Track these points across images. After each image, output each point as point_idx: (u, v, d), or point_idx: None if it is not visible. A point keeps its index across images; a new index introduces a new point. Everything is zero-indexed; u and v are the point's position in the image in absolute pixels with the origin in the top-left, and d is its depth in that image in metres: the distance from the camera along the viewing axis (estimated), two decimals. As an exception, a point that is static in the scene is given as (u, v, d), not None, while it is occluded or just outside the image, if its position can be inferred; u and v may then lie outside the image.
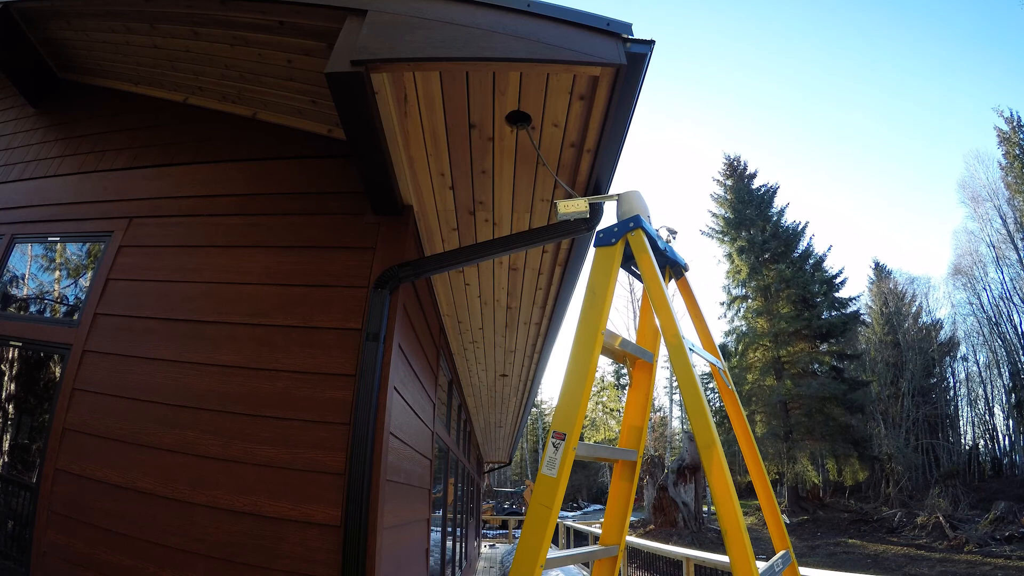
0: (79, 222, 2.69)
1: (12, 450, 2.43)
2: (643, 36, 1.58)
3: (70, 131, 3.06)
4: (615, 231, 1.47)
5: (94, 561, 1.98)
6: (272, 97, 2.58)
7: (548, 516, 1.16)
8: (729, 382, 1.73)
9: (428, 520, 3.41)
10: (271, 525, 1.88)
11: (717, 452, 1.14)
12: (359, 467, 1.87)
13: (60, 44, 3.02)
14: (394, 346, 2.10)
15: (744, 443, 1.64)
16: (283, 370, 2.09)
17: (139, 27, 2.51)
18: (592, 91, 1.83)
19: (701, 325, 1.74)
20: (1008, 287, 25.67)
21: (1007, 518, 15.72)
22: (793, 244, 26.24)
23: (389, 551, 2.10)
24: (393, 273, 2.13)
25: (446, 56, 1.61)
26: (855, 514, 20.81)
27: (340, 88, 1.68)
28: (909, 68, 68.75)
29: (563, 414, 1.25)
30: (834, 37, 75.13)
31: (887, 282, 31.19)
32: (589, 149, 2.11)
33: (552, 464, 1.20)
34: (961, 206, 39.37)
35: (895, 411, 25.28)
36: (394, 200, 2.24)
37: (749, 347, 25.45)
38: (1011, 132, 24.78)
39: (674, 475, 19.88)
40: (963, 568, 13.23)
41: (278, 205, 2.44)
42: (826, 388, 22.44)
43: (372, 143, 1.91)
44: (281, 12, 1.97)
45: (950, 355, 28.56)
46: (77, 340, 2.35)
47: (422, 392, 3.00)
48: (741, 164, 29.00)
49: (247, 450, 1.99)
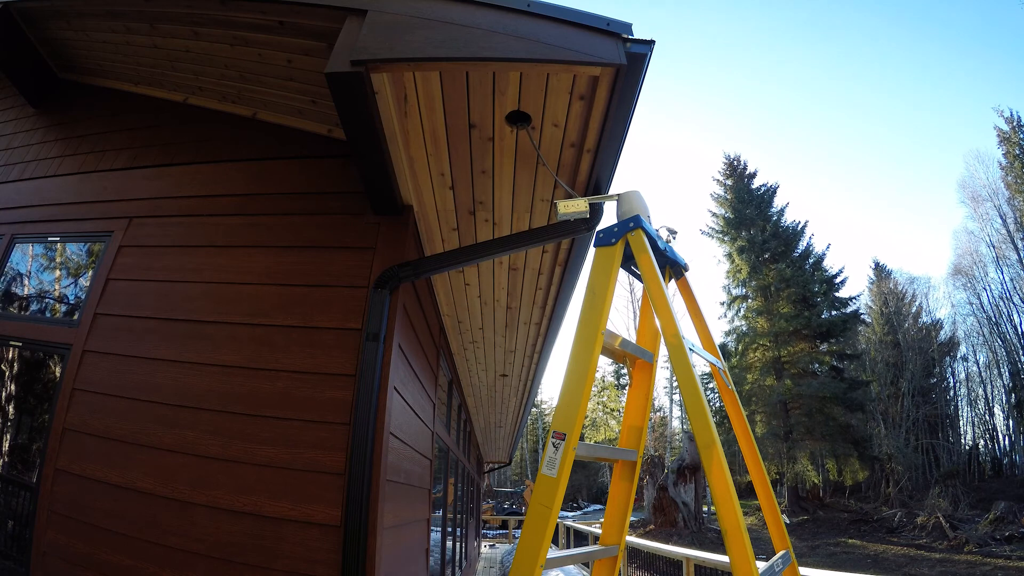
0: (79, 222, 2.69)
1: (12, 450, 2.43)
2: (643, 36, 1.58)
3: (70, 131, 3.06)
4: (615, 231, 1.47)
5: (94, 561, 1.98)
6: (272, 97, 2.58)
7: (548, 516, 1.16)
8: (729, 382, 1.73)
9: (428, 520, 3.41)
10: (271, 525, 1.88)
11: (717, 452, 1.14)
12: (359, 467, 1.87)
13: (60, 44, 3.02)
14: (394, 346, 2.10)
15: (744, 443, 1.64)
16: (283, 370, 2.09)
17: (139, 27, 2.51)
18: (592, 91, 1.83)
19: (701, 325, 1.74)
20: (1008, 287, 25.69)
21: (1007, 518, 15.72)
22: (793, 244, 26.24)
23: (389, 551, 2.10)
24: (393, 273, 2.13)
25: (446, 56, 1.61)
26: (855, 514, 20.81)
27: (340, 88, 1.68)
28: (909, 68, 68.82)
29: (563, 414, 1.25)
30: (834, 37, 75.20)
31: (887, 282, 31.20)
32: (589, 149, 2.11)
33: (552, 464, 1.20)
34: (961, 206, 39.43)
35: (895, 411, 25.28)
36: (394, 200, 2.24)
37: (749, 347, 25.45)
38: (1011, 132, 24.78)
39: (674, 475, 19.88)
40: (963, 568, 13.24)
41: (278, 205, 2.44)
42: (826, 388, 22.44)
43: (372, 143, 1.91)
44: (281, 12, 1.97)
45: (950, 355, 28.57)
46: (77, 340, 2.35)
47: (422, 392, 3.00)
48: (741, 164, 29.01)
49: (247, 450, 1.99)
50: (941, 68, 65.18)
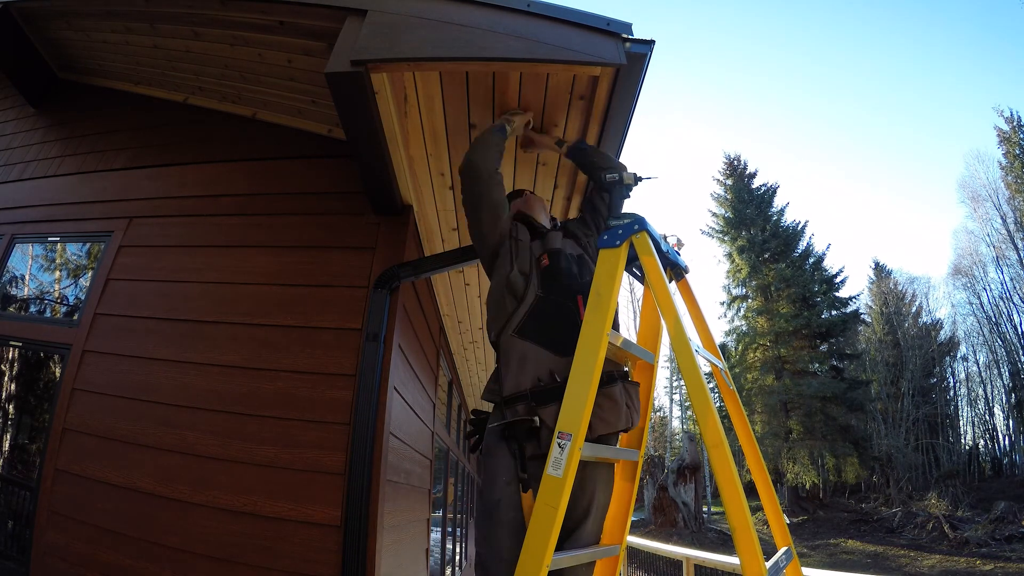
0: (79, 222, 2.69)
1: (12, 450, 2.43)
2: (643, 36, 1.58)
3: (70, 131, 3.06)
4: (620, 233, 1.47)
5: (94, 561, 1.97)
6: (272, 97, 2.58)
7: (554, 517, 1.16)
8: (730, 382, 1.73)
9: (428, 520, 3.41)
10: (271, 525, 1.88)
11: (725, 451, 1.13)
12: (359, 467, 1.87)
13: (60, 44, 3.02)
14: (394, 346, 2.09)
15: (745, 442, 1.65)
16: (283, 370, 2.08)
17: (139, 27, 2.51)
18: (592, 91, 1.83)
19: (702, 326, 1.75)
20: (1008, 287, 25.66)
21: (1007, 518, 15.71)
22: (793, 243, 26.21)
23: (389, 551, 2.10)
24: (393, 273, 2.13)
25: (446, 56, 1.61)
26: (855, 514, 20.80)
27: (340, 88, 1.68)
28: (909, 67, 68.80)
29: (569, 414, 1.24)
30: (834, 37, 75.17)
31: (887, 282, 31.18)
32: (589, 149, 2.11)
33: (558, 464, 1.20)
34: (961, 206, 39.43)
35: (895, 411, 25.27)
36: (394, 200, 2.24)
37: (749, 347, 25.43)
38: (1011, 132, 24.74)
39: (674, 475, 19.87)
40: (963, 568, 13.24)
41: (278, 205, 2.44)
42: (826, 388, 22.42)
43: (372, 143, 1.91)
44: (281, 12, 1.97)
45: (950, 355, 28.55)
46: (77, 340, 2.35)
47: (422, 392, 3.00)
48: (741, 164, 28.98)
49: (247, 450, 1.98)
50: (941, 68, 65.21)
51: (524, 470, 1.34)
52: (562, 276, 1.55)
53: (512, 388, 1.41)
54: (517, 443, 1.35)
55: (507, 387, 1.42)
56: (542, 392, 1.38)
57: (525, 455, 1.34)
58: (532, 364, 1.42)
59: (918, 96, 66.56)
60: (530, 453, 1.35)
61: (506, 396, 1.41)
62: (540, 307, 1.50)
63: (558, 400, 1.29)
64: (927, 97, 65.79)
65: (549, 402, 1.36)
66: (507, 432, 1.37)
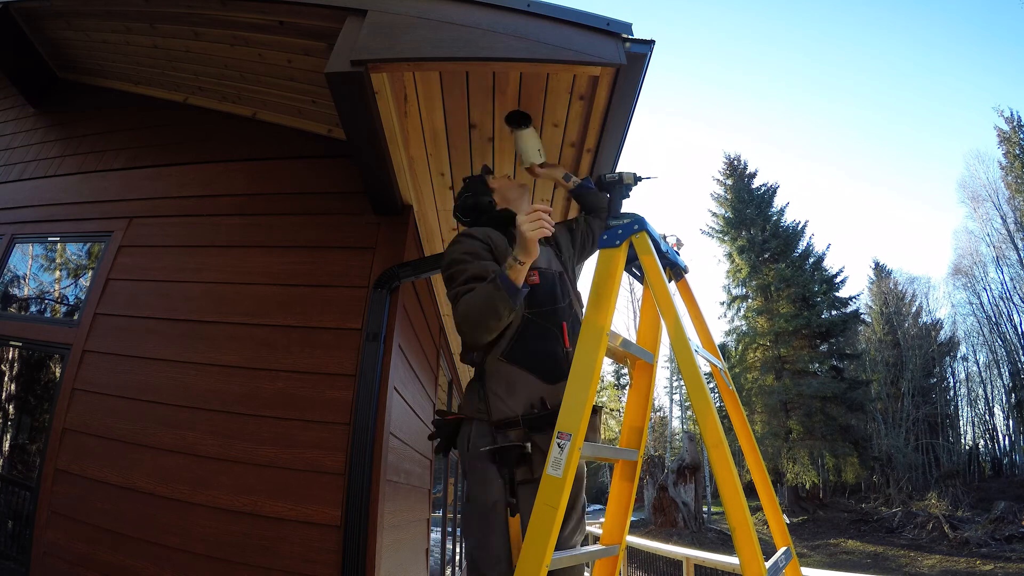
0: (79, 222, 2.69)
1: (12, 450, 2.43)
2: (643, 36, 1.58)
3: (70, 131, 3.06)
4: (619, 233, 1.47)
5: (94, 561, 1.97)
6: (272, 97, 2.58)
7: (554, 517, 1.16)
8: (730, 383, 1.73)
9: (428, 520, 3.41)
10: (271, 525, 1.88)
11: (725, 451, 1.13)
12: (359, 467, 1.87)
13: (60, 44, 3.02)
14: (394, 346, 2.10)
15: (745, 442, 1.64)
16: (283, 370, 2.09)
17: (139, 27, 2.51)
18: (592, 91, 1.83)
19: (701, 326, 1.74)
20: (1008, 287, 25.65)
21: (1007, 518, 15.71)
22: (793, 243, 26.20)
23: (389, 551, 2.10)
24: (393, 273, 2.13)
25: (446, 56, 1.61)
26: (855, 514, 20.80)
27: (340, 88, 1.68)
28: (909, 67, 68.77)
29: (568, 414, 1.24)
30: (834, 37, 75.15)
31: (887, 282, 31.17)
32: (589, 149, 2.11)
33: (557, 464, 1.20)
34: (961, 206, 39.40)
35: (895, 411, 25.26)
36: (394, 200, 2.24)
37: (749, 347, 25.43)
38: (1011, 132, 24.74)
39: (674, 475, 19.87)
40: (963, 568, 13.23)
41: (278, 205, 2.44)
42: (826, 388, 22.42)
43: (372, 143, 1.91)
44: (281, 12, 1.97)
45: (950, 355, 28.54)
46: (77, 340, 2.35)
47: (422, 392, 3.00)
48: (741, 163, 28.97)
49: (247, 450, 1.98)
50: (941, 68, 65.19)
51: (514, 495, 1.33)
52: (547, 300, 1.53)
53: (502, 413, 1.41)
54: (507, 468, 1.35)
55: (496, 411, 1.41)
56: (536, 419, 1.38)
57: (515, 480, 1.34)
58: (523, 389, 1.42)
59: (918, 96, 66.51)
60: (520, 478, 1.35)
61: (496, 420, 1.40)
62: (527, 330, 1.48)
63: (551, 426, 1.28)
64: (927, 97, 65.73)
65: (543, 428, 1.36)
66: (498, 457, 1.37)
